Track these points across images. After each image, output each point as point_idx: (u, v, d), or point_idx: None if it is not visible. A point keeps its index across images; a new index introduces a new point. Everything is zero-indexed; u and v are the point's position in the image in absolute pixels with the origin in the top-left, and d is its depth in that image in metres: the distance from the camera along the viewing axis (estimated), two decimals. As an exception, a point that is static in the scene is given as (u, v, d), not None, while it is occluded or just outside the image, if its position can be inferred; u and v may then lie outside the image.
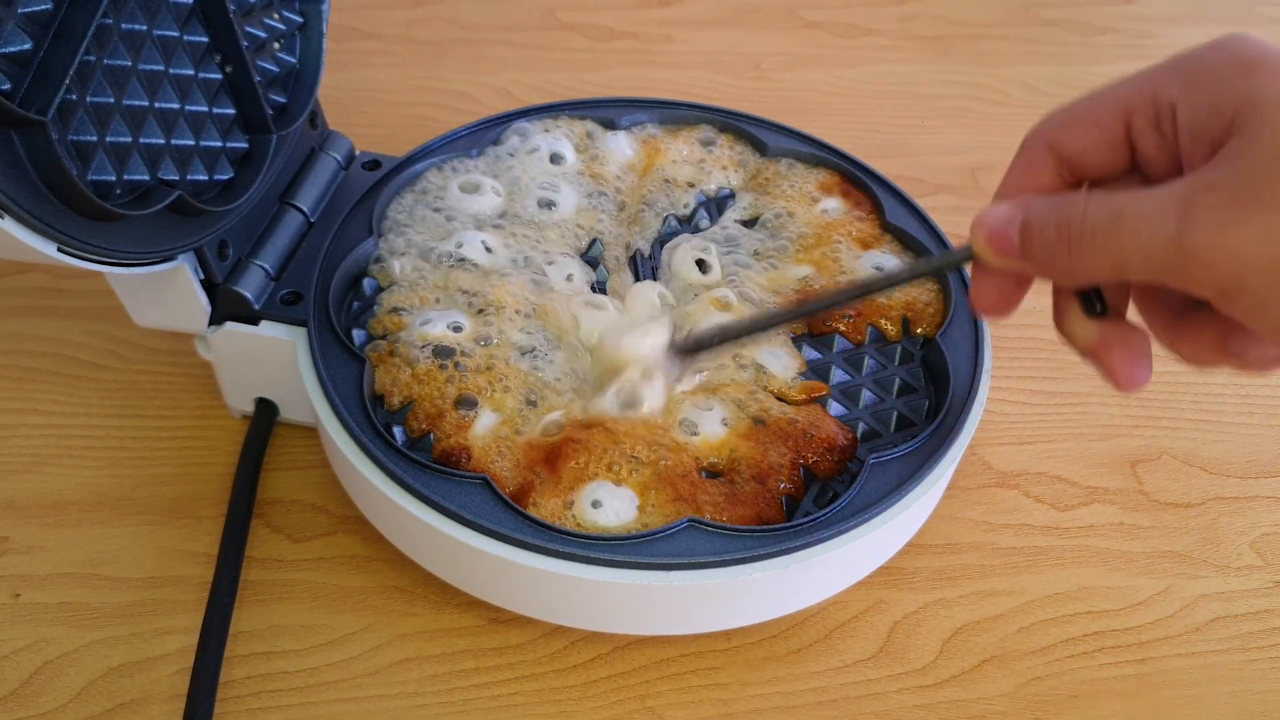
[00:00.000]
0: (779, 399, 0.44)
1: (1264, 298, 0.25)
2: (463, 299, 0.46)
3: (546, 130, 0.54)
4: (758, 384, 0.44)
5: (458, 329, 0.45)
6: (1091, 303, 0.31)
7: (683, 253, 0.49)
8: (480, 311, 0.45)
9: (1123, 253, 0.26)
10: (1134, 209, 0.26)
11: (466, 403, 0.42)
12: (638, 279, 0.49)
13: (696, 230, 0.51)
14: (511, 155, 0.53)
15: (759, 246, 0.50)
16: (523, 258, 0.48)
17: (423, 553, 0.42)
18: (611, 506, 0.39)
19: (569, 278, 0.47)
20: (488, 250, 0.48)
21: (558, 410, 0.42)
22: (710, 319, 0.46)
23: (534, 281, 0.47)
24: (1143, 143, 0.29)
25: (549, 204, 0.50)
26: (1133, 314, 0.32)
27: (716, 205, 0.53)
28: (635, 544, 0.38)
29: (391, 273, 0.47)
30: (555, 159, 0.53)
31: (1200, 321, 0.29)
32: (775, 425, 0.42)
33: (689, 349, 0.40)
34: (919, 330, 0.47)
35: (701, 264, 0.48)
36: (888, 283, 0.36)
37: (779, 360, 0.45)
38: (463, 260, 0.47)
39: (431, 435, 0.42)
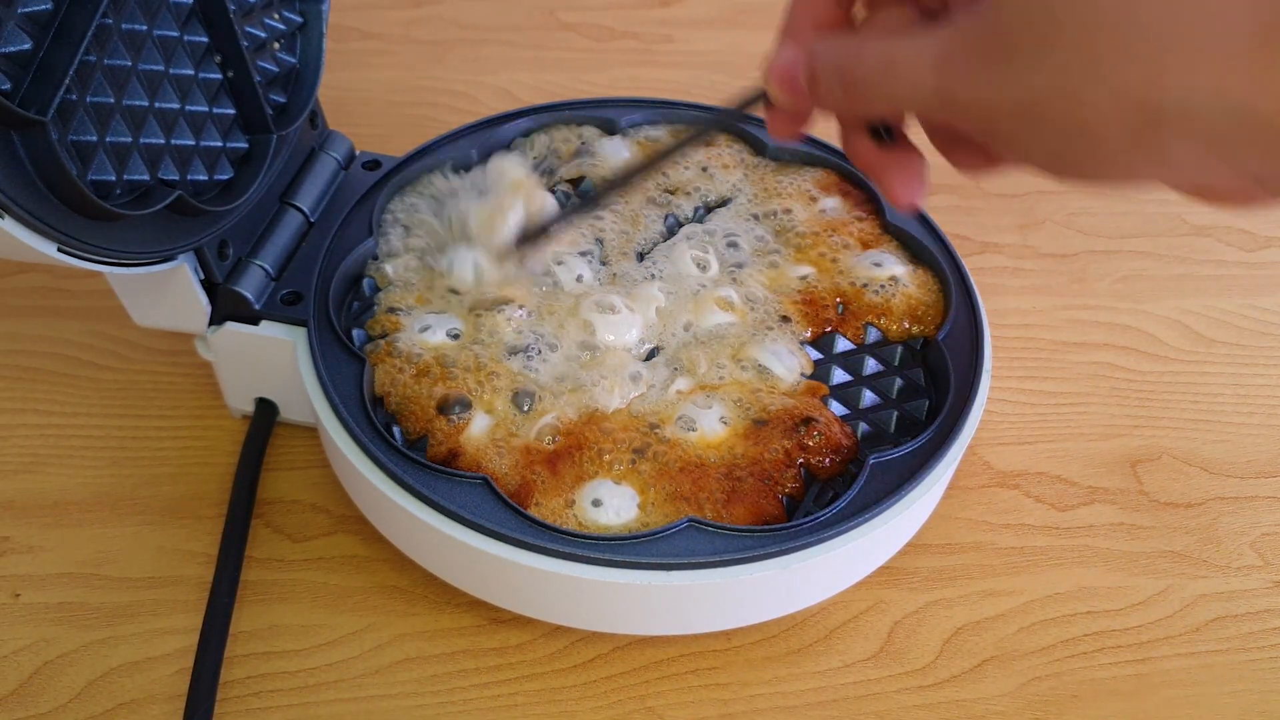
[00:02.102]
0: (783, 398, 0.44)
1: (1012, 137, 0.28)
2: (456, 299, 0.46)
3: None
4: (760, 384, 0.44)
5: (455, 335, 0.45)
6: (877, 131, 0.34)
7: (682, 250, 0.49)
8: (473, 309, 0.45)
9: (895, 98, 0.29)
10: (902, 59, 0.29)
11: (460, 404, 0.42)
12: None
13: (689, 238, 0.51)
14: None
15: (759, 245, 0.50)
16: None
17: (422, 553, 0.42)
18: (612, 505, 0.39)
19: (579, 279, 0.47)
20: (478, 269, 0.46)
21: (551, 413, 0.42)
22: (712, 318, 0.46)
23: (538, 284, 0.47)
24: None
25: None
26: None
27: (717, 204, 0.53)
28: (635, 544, 0.38)
29: (387, 274, 0.47)
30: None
31: (972, 142, 0.32)
32: (777, 425, 0.42)
33: (529, 236, 0.44)
34: (919, 331, 0.47)
35: (700, 262, 0.49)
36: (697, 135, 0.40)
37: (782, 361, 0.45)
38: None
39: (427, 438, 0.42)
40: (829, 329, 0.47)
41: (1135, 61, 0.25)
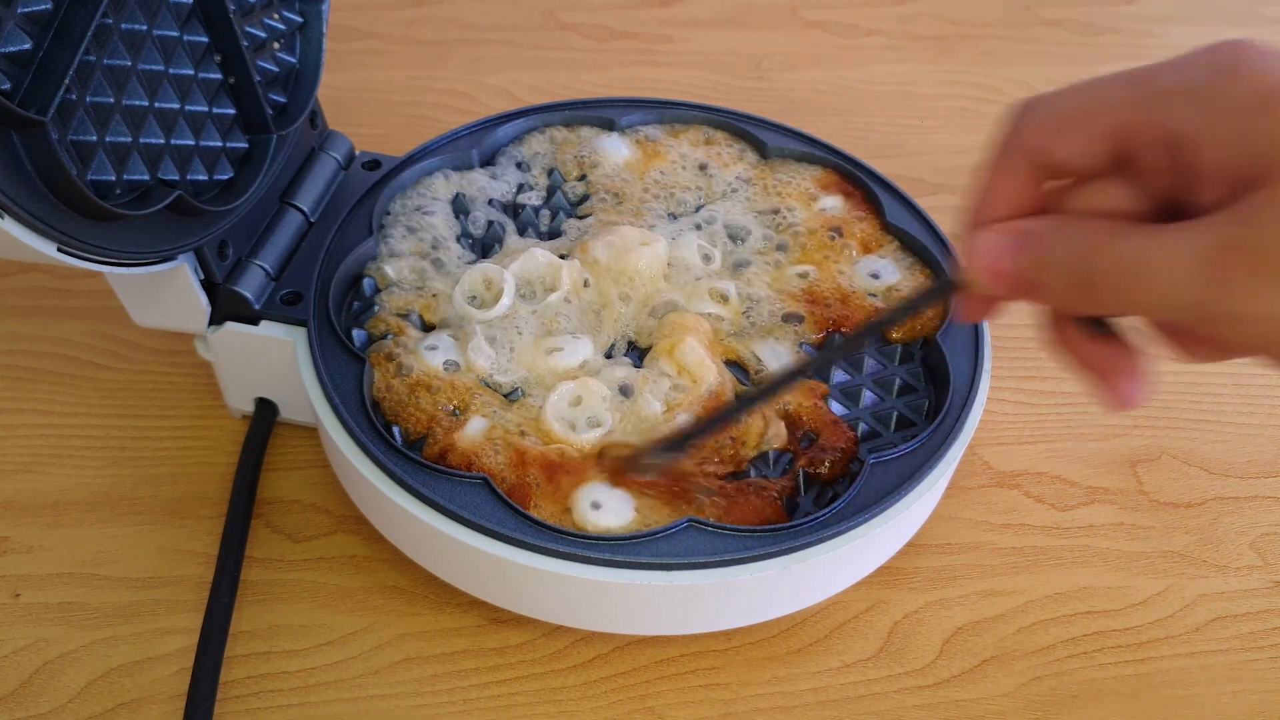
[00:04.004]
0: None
1: None
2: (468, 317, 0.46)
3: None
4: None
5: (453, 368, 0.44)
6: (1098, 325, 0.30)
7: (686, 241, 0.49)
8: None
9: (1144, 306, 0.26)
10: (1157, 262, 0.25)
11: (456, 410, 0.42)
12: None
13: (697, 228, 0.51)
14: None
15: (760, 244, 0.50)
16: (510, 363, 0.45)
17: (422, 553, 0.42)
18: (611, 507, 0.39)
19: (583, 364, 0.45)
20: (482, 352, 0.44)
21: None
22: (702, 306, 0.46)
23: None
24: (1145, 159, 0.27)
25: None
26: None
27: (719, 204, 0.53)
28: (635, 544, 0.38)
29: (388, 274, 0.47)
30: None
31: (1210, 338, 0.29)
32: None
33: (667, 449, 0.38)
34: (919, 330, 0.47)
35: (705, 253, 0.49)
36: (877, 328, 0.34)
37: (781, 361, 0.45)
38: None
39: (426, 438, 0.42)
40: (831, 329, 0.47)
41: None
